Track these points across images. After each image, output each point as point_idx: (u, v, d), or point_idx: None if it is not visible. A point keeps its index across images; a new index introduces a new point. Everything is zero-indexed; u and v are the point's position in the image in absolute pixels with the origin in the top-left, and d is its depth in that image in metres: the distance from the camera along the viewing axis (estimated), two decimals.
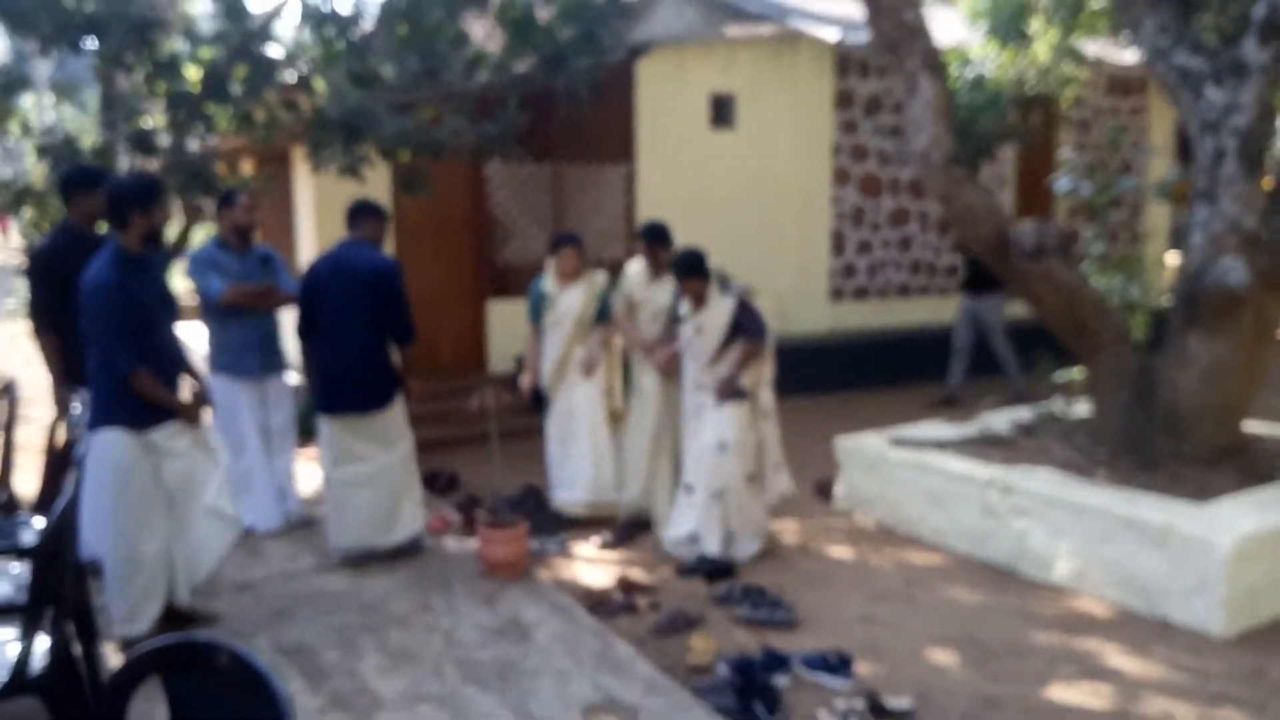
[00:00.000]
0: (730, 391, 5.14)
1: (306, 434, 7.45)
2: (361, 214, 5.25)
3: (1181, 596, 4.42)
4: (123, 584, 4.09)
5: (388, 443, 5.21)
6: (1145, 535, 4.54)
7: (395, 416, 5.26)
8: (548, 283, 5.85)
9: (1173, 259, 6.38)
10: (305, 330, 5.22)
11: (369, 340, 5.09)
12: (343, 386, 5.12)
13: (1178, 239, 6.25)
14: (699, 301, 5.22)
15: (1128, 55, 10.40)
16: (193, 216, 7.24)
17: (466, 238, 8.69)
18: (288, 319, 5.90)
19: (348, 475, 5.15)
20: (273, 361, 5.64)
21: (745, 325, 5.18)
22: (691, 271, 5.19)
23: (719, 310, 5.20)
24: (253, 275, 5.51)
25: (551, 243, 5.99)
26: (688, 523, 5.22)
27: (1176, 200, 5.89)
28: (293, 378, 8.04)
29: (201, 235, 9.31)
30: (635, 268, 5.87)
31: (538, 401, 5.97)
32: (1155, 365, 5.43)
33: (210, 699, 2.01)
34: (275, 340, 5.68)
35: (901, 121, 6.57)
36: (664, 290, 5.68)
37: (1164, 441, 5.29)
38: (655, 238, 5.71)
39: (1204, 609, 4.34)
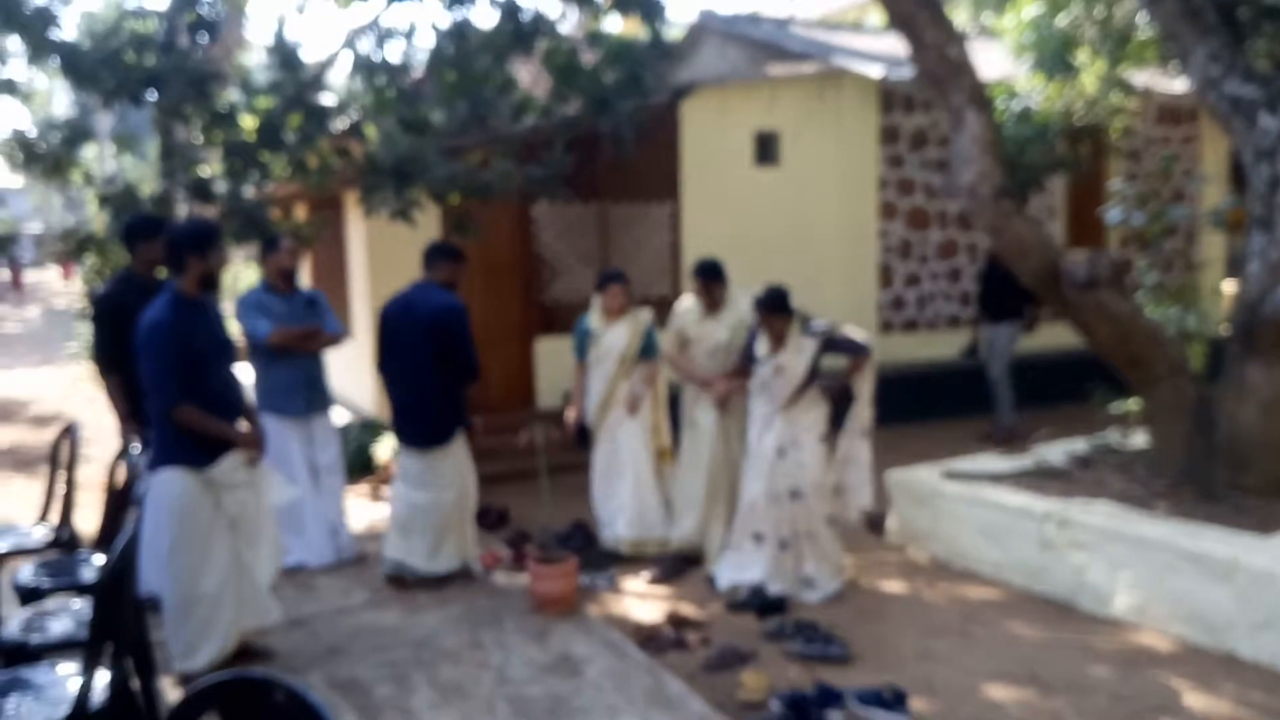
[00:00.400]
0: (842, 394, 5.14)
1: (358, 471, 7.56)
2: (435, 256, 5.42)
3: (1249, 631, 4.31)
4: (181, 619, 4.15)
5: (445, 478, 5.32)
6: (1210, 569, 4.44)
7: (454, 454, 5.36)
8: (593, 319, 5.90)
9: (1230, 287, 6.27)
10: (381, 366, 5.45)
11: (429, 379, 5.24)
12: (407, 421, 5.35)
13: (1235, 267, 6.16)
14: (779, 340, 5.16)
15: (1177, 84, 10.30)
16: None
17: (515, 277, 8.80)
18: (334, 359, 6.04)
19: (410, 498, 5.33)
20: (317, 401, 5.78)
21: (843, 347, 5.18)
22: (776, 308, 5.12)
23: (801, 351, 5.13)
24: (298, 317, 5.67)
25: (598, 280, 6.05)
26: (755, 569, 5.18)
27: (1231, 228, 5.80)
28: (339, 416, 8.20)
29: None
30: (687, 304, 5.86)
31: (583, 436, 6.00)
32: (1214, 396, 5.34)
33: None
34: (321, 380, 5.82)
35: (948, 155, 6.57)
36: (720, 327, 5.67)
37: (1225, 473, 5.19)
38: (710, 275, 5.68)
39: (1274, 644, 4.23)
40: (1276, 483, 5.14)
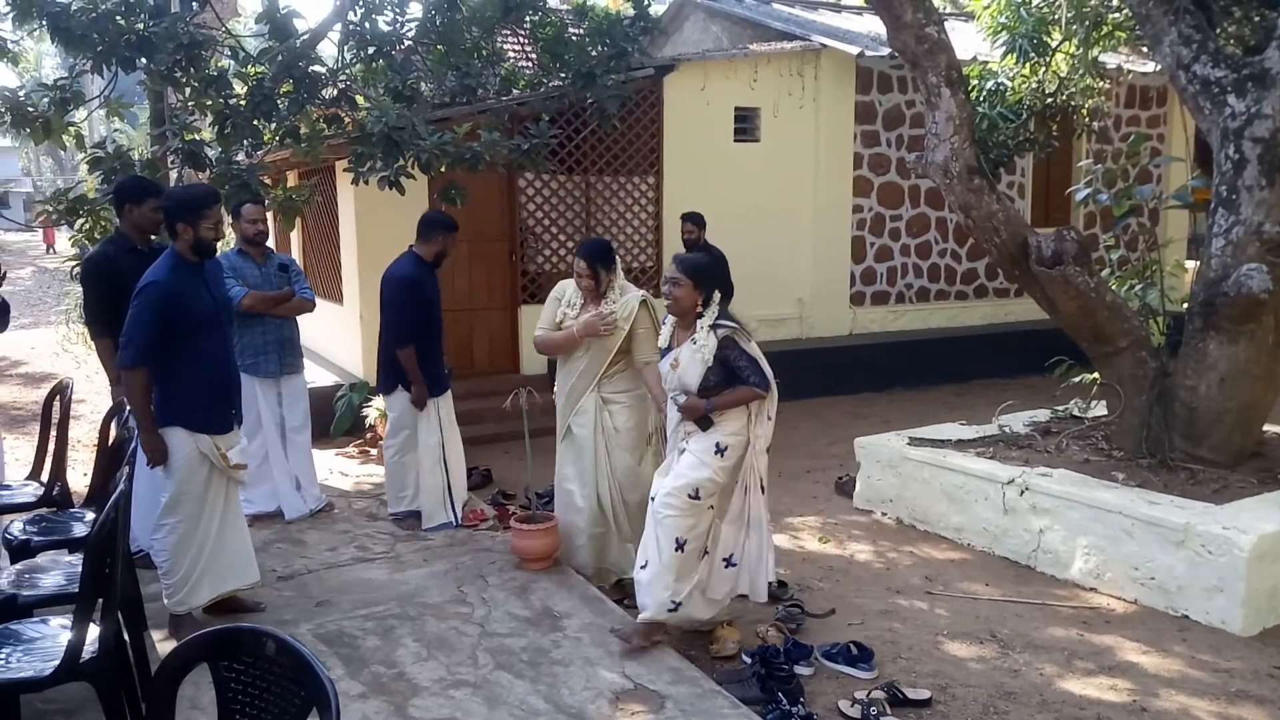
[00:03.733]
0: (696, 412, 4.11)
1: (348, 432, 7.74)
2: (420, 228, 5.73)
3: (1201, 595, 4.48)
4: (172, 568, 4.21)
5: (391, 426, 5.87)
6: (1164, 535, 4.60)
7: (395, 406, 5.76)
8: None
9: (1192, 265, 6.44)
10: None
11: (384, 336, 5.72)
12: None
13: (1197, 246, 6.31)
14: (682, 321, 4.22)
15: (1148, 66, 10.47)
16: None
17: (500, 246, 8.91)
18: (324, 323, 6.16)
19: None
20: (290, 364, 5.97)
21: (739, 369, 4.10)
22: (695, 273, 4.14)
23: (701, 347, 4.10)
24: (271, 282, 5.82)
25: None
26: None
27: (1196, 207, 5.95)
28: (327, 378, 8.33)
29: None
30: (568, 287, 5.00)
31: None
32: (1174, 370, 5.48)
33: (257, 685, 2.09)
34: (293, 342, 6.00)
35: (922, 133, 6.70)
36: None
37: (1182, 444, 5.36)
38: (597, 256, 4.78)
39: (1224, 607, 4.40)
40: (1231, 454, 5.32)
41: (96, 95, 6.25)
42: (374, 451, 7.49)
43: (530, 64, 9.76)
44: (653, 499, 4.19)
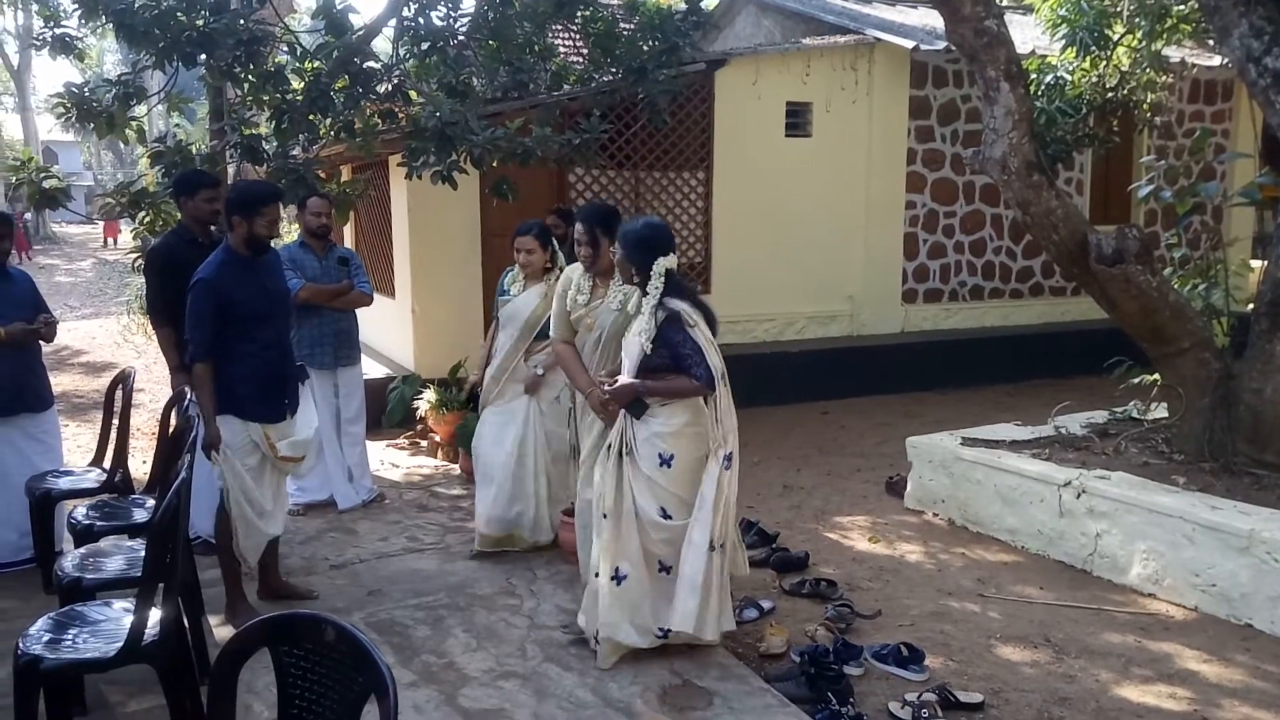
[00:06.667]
0: (627, 397, 3.76)
1: (400, 424, 7.81)
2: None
3: (1266, 604, 4.36)
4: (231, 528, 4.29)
5: None
6: (1227, 541, 4.49)
7: None
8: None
9: (1258, 264, 6.29)
10: None
11: None
12: None
13: (1262, 245, 6.15)
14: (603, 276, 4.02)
15: (1213, 59, 10.21)
16: None
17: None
18: (379, 317, 6.23)
19: None
20: (345, 355, 6.06)
21: (682, 359, 3.70)
22: (625, 243, 3.82)
23: (641, 331, 3.75)
24: (330, 275, 5.90)
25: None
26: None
27: (1264, 205, 5.79)
28: (380, 370, 8.42)
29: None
30: (575, 275, 4.46)
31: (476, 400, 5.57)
32: (1238, 371, 5.36)
33: (315, 671, 2.13)
34: (349, 335, 6.07)
35: (978, 129, 6.61)
36: (606, 309, 4.31)
37: (1246, 448, 5.23)
38: (603, 221, 4.29)
39: None
40: None
41: (157, 91, 6.37)
42: (424, 443, 7.58)
43: (581, 59, 9.78)
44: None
